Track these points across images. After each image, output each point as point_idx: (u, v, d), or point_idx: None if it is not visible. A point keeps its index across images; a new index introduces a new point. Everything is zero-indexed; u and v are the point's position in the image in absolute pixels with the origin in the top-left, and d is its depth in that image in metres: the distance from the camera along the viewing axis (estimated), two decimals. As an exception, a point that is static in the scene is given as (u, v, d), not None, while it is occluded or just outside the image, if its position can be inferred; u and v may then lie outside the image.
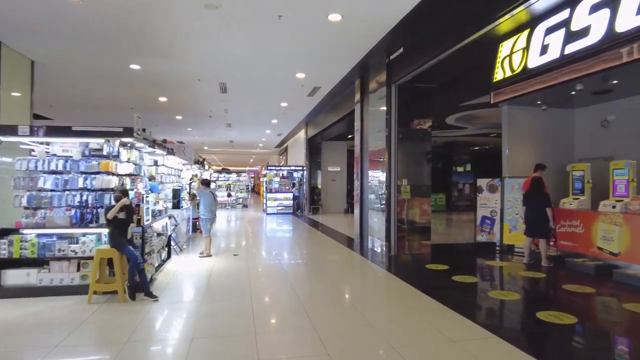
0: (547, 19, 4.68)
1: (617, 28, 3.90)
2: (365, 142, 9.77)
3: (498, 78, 5.63)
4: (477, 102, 10.09)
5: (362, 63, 8.69)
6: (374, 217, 8.89)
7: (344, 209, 18.56)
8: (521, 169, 8.76)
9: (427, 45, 6.81)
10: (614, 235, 6.37)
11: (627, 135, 8.11)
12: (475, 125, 14.69)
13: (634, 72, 6.49)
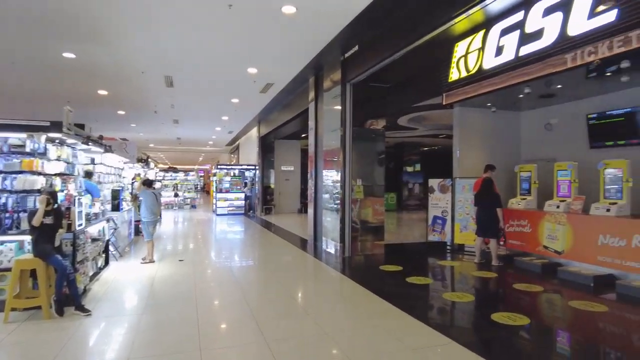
0: (502, 20, 4.69)
1: (569, 32, 3.94)
2: (319, 141, 9.57)
3: (453, 78, 5.61)
4: (430, 103, 10.21)
5: (317, 60, 8.47)
6: (328, 217, 8.71)
7: (297, 209, 18.30)
8: (471, 170, 8.93)
9: (382, 43, 6.70)
10: (558, 234, 6.60)
11: (568, 138, 8.49)
12: (426, 127, 14.98)
13: (574, 78, 6.76)
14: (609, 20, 3.63)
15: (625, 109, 7.36)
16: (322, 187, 9.19)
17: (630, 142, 7.36)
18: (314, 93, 9.80)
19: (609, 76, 6.64)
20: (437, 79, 7.84)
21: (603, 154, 7.61)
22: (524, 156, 9.59)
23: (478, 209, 7.24)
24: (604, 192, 6.36)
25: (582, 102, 8.16)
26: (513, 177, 8.36)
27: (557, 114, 8.77)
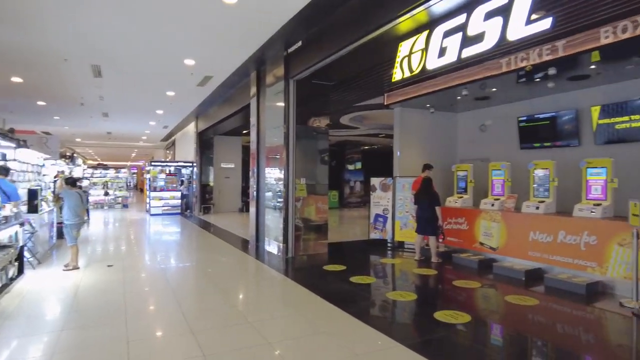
0: (445, 22, 4.74)
1: (509, 36, 4.04)
2: (261, 138, 9.28)
3: (397, 78, 5.61)
4: (371, 103, 10.31)
5: (259, 54, 8.18)
6: (270, 216, 8.47)
7: (238, 208, 17.79)
8: (411, 169, 9.12)
9: (325, 40, 6.57)
10: (493, 231, 6.90)
11: (500, 139, 8.95)
12: (367, 126, 15.20)
13: (507, 82, 7.11)
14: (545, 28, 3.76)
15: (551, 113, 7.88)
16: (264, 185, 8.93)
17: (554, 144, 7.90)
18: (255, 88, 9.48)
19: (537, 82, 7.04)
20: (381, 79, 7.94)
21: (532, 154, 8.09)
22: (460, 156, 9.98)
23: (418, 207, 7.37)
24: (534, 191, 6.74)
25: (514, 105, 8.63)
26: (450, 176, 8.65)
27: (491, 116, 9.21)
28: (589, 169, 5.97)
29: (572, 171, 6.55)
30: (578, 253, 5.55)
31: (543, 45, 5.46)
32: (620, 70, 6.33)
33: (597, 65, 6.20)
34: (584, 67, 6.28)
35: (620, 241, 5.11)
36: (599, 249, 5.33)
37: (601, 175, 5.82)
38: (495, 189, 7.49)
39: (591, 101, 7.15)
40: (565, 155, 7.35)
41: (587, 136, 7.33)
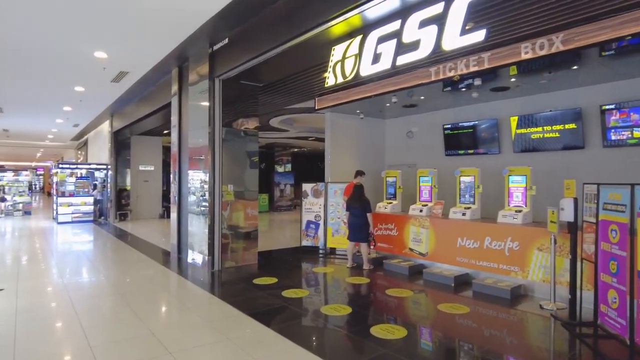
0: (380, 28, 4.61)
1: (444, 46, 4.00)
2: (184, 139, 8.61)
3: (330, 84, 5.41)
4: (302, 106, 10.07)
5: (181, 50, 7.55)
6: (194, 223, 7.85)
7: (159, 214, 16.59)
8: (342, 174, 9.05)
9: (254, 40, 6.19)
10: (422, 237, 6.99)
11: (427, 146, 9.19)
12: (297, 129, 14.98)
13: (433, 91, 7.26)
14: (479, 39, 3.76)
15: (474, 121, 8.22)
16: (187, 190, 8.28)
17: (477, 152, 8.26)
18: (177, 86, 8.79)
19: (462, 91, 7.29)
20: (312, 82, 7.72)
21: (456, 160, 8.40)
22: (388, 161, 10.12)
23: (349, 214, 7.26)
24: (460, 197, 6.94)
25: (439, 113, 8.91)
26: (380, 181, 8.70)
27: (418, 123, 9.44)
28: (510, 177, 6.24)
29: (495, 178, 6.85)
30: (503, 258, 5.76)
31: (470, 56, 5.60)
32: (535, 84, 6.74)
33: (516, 78, 6.53)
34: (504, 80, 6.59)
35: (540, 246, 5.37)
36: (521, 254, 5.57)
37: (521, 183, 6.12)
38: (423, 195, 7.62)
39: (510, 111, 7.56)
40: (487, 162, 7.69)
41: (506, 144, 7.75)
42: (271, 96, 8.95)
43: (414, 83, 6.35)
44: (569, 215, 4.62)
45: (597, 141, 6.49)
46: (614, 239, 3.83)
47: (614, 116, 6.22)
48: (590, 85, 6.55)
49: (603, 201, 4.02)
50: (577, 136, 6.69)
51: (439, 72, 6.03)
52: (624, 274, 3.69)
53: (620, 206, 3.75)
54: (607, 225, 3.95)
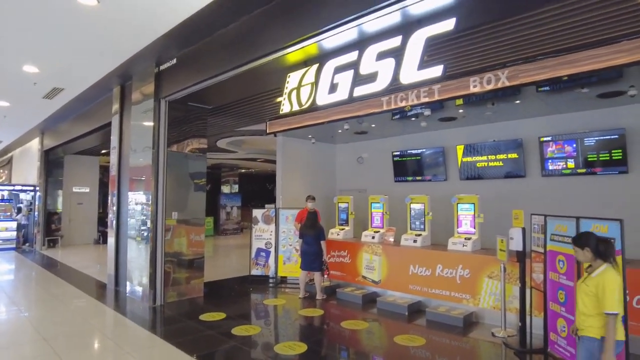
0: (336, 57, 4.58)
1: (402, 79, 4.02)
2: (125, 159, 8.04)
3: (285, 111, 5.27)
4: (252, 129, 9.86)
5: (125, 68, 7.12)
6: (134, 249, 7.27)
7: (94, 239, 15.36)
8: (294, 199, 8.89)
9: (204, 62, 5.95)
10: (375, 264, 6.94)
11: (377, 172, 9.31)
12: (246, 150, 14.68)
13: (383, 118, 7.40)
14: (436, 75, 3.81)
15: (422, 149, 8.45)
16: (127, 213, 7.69)
17: (425, 179, 8.46)
18: (119, 105, 8.25)
19: (411, 120, 7.48)
20: (264, 106, 7.57)
21: (405, 187, 8.55)
22: (339, 186, 10.12)
23: (303, 241, 7.04)
24: (411, 224, 7.01)
25: (389, 140, 9.08)
26: (331, 207, 8.63)
27: (368, 149, 9.55)
28: (459, 205, 6.41)
29: (443, 204, 7.00)
30: (454, 286, 5.83)
31: (421, 88, 5.75)
32: (480, 115, 7.06)
33: (463, 109, 6.80)
34: (452, 110, 6.84)
35: (490, 274, 5.50)
36: (472, 281, 5.67)
37: (470, 210, 6.29)
38: (375, 221, 7.63)
39: (456, 140, 7.86)
40: (435, 189, 7.89)
41: (453, 172, 8.01)
42: (220, 118, 8.68)
43: (366, 112, 6.42)
44: (518, 244, 4.77)
45: (536, 170, 6.88)
46: (562, 269, 3.98)
47: (551, 147, 6.64)
48: (530, 117, 6.98)
49: (550, 232, 4.18)
50: (518, 165, 7.06)
51: (391, 102, 6.13)
52: (571, 303, 3.82)
53: (567, 237, 3.90)
54: (554, 255, 4.10)
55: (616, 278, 2.88)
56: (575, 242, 3.15)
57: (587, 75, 5.32)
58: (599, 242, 3.02)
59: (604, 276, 2.90)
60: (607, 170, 6.20)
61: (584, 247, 3.05)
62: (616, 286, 2.85)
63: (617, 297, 2.83)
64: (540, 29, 4.31)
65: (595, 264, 3.02)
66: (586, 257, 3.05)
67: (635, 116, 6.04)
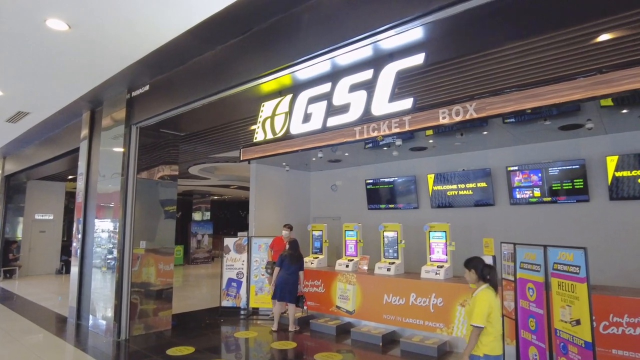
0: (310, 88, 4.65)
1: (373, 111, 4.11)
2: (92, 186, 7.79)
3: (259, 139, 5.26)
4: (226, 155, 9.80)
5: (95, 93, 7.00)
6: (100, 280, 6.94)
7: (56, 269, 14.61)
8: (267, 227, 8.78)
9: (178, 90, 5.92)
10: (349, 294, 6.87)
11: (350, 199, 9.35)
12: (219, 177, 14.51)
13: (356, 147, 7.50)
14: (407, 107, 3.92)
15: (394, 177, 8.58)
16: (92, 241, 7.38)
17: (397, 207, 8.56)
18: (88, 130, 8.04)
19: (383, 149, 7.62)
20: (237, 134, 7.55)
21: (378, 214, 8.62)
22: (313, 213, 10.09)
23: (282, 270, 6.78)
24: (384, 252, 7.02)
25: (362, 168, 9.19)
26: (305, 234, 8.56)
27: (342, 177, 9.62)
28: (431, 232, 6.48)
29: (415, 232, 7.08)
30: (428, 315, 5.82)
31: (392, 119, 5.89)
32: (449, 145, 7.26)
33: (433, 139, 6.99)
34: (422, 140, 7.01)
35: (462, 302, 5.53)
36: (445, 310, 5.67)
37: (441, 238, 6.37)
38: (349, 250, 7.61)
39: (427, 169, 8.03)
40: (407, 217, 7.98)
41: (424, 200, 8.14)
42: (193, 145, 8.59)
43: (340, 141, 6.51)
44: (489, 272, 4.82)
45: (505, 199, 7.08)
46: (532, 297, 4.04)
47: (518, 177, 6.88)
48: (497, 147, 7.23)
49: (520, 260, 4.27)
50: (487, 194, 7.25)
51: (363, 132, 6.25)
52: (542, 331, 3.87)
53: (535, 265, 3.99)
54: (524, 283, 4.17)
55: (489, 296, 3.20)
56: (465, 264, 3.44)
57: (549, 108, 5.65)
58: (484, 266, 3.35)
59: (479, 294, 3.25)
60: (570, 199, 6.45)
61: (471, 269, 3.37)
62: (486, 303, 3.17)
63: (485, 312, 3.14)
64: (505, 64, 4.53)
65: (478, 285, 3.34)
66: (472, 278, 3.37)
67: (593, 147, 6.36)
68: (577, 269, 3.42)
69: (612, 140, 6.26)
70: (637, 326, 4.26)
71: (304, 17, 4.35)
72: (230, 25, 4.72)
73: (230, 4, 4.17)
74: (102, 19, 4.47)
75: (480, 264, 3.36)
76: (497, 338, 3.20)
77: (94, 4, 4.17)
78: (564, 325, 3.56)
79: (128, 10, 4.30)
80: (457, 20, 3.44)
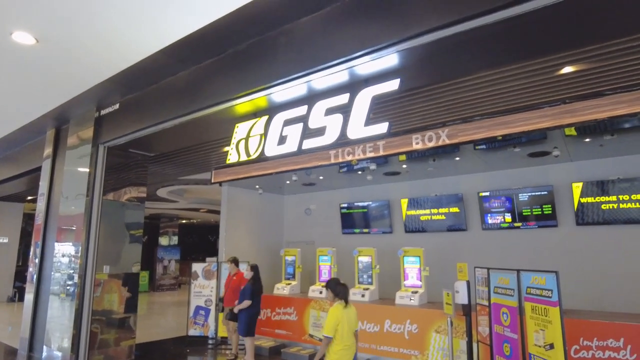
0: (286, 111, 4.62)
1: (349, 135, 4.11)
2: (53, 207, 7.39)
3: (232, 160, 5.15)
4: (197, 177, 9.57)
5: (63, 110, 6.73)
6: (57, 308, 6.50)
7: (8, 297, 13.67)
8: (238, 252, 8.52)
9: (149, 109, 5.76)
10: (322, 321, 6.69)
11: (325, 223, 9.26)
12: (188, 200, 14.16)
13: (330, 171, 7.51)
14: (382, 131, 3.94)
15: (368, 202, 8.58)
16: (51, 267, 6.95)
17: (371, 231, 8.53)
18: (52, 149, 7.69)
19: (357, 173, 7.63)
20: (209, 155, 7.40)
21: (352, 239, 8.55)
22: (286, 238, 9.92)
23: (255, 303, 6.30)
24: (358, 277, 6.92)
25: (336, 192, 9.16)
26: (278, 260, 8.37)
27: (316, 200, 9.55)
28: (405, 257, 6.45)
29: (389, 256, 7.03)
30: (403, 342, 5.72)
31: (367, 143, 5.93)
32: (422, 170, 7.36)
33: (406, 165, 7.06)
34: (396, 165, 7.07)
35: (437, 328, 5.47)
36: (420, 336, 5.59)
37: (415, 263, 6.35)
38: (323, 275, 7.47)
39: (401, 194, 8.08)
40: (381, 241, 7.95)
41: (398, 224, 8.15)
42: (163, 166, 8.35)
43: (315, 164, 6.47)
44: (464, 297, 4.81)
45: (477, 224, 7.18)
46: (506, 322, 4.03)
47: (489, 202, 7.00)
48: (469, 173, 7.37)
49: (494, 285, 4.27)
50: (460, 219, 7.33)
51: (338, 156, 6.21)
52: (517, 356, 3.84)
53: (509, 290, 4.00)
54: (498, 308, 4.16)
55: (338, 310, 3.74)
56: (325, 284, 4.05)
57: (518, 135, 5.82)
58: (337, 285, 3.92)
59: (331, 309, 3.80)
60: (539, 224, 6.60)
61: (327, 288, 3.94)
62: (334, 317, 3.69)
63: (333, 324, 3.64)
64: (476, 92, 4.65)
65: (333, 301, 3.87)
66: (329, 296, 3.91)
67: (560, 174, 6.58)
68: (550, 293, 3.44)
69: (577, 168, 6.49)
70: (606, 349, 4.31)
71: (280, 40, 4.36)
72: (206, 46, 4.68)
73: (207, 24, 4.14)
74: (73, 34, 4.33)
75: (333, 283, 3.95)
76: (344, 348, 3.64)
77: (64, 18, 4.04)
78: (538, 350, 3.55)
79: (100, 26, 4.19)
80: (431, 48, 3.52)
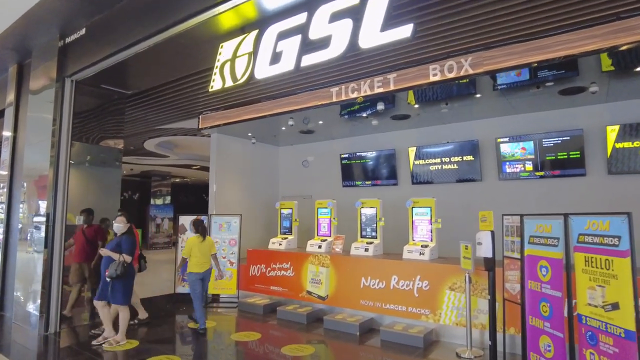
0: (280, 21, 3.75)
1: (361, 43, 3.26)
2: (19, 157, 6.60)
3: (216, 88, 4.32)
4: (184, 126, 8.70)
5: (22, 39, 5.79)
6: (27, 264, 5.86)
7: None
8: (230, 205, 7.83)
9: (120, 29, 4.86)
10: (322, 277, 6.07)
11: (323, 176, 8.52)
12: (179, 155, 13.32)
13: (331, 117, 6.69)
14: (405, 36, 3.08)
15: (372, 152, 7.81)
16: (18, 221, 6.28)
17: (375, 183, 7.81)
18: (15, 89, 6.80)
19: (360, 119, 6.79)
20: (194, 94, 6.50)
21: (354, 192, 7.84)
22: (282, 192, 9.21)
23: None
24: (361, 231, 6.26)
25: (336, 142, 8.36)
26: (273, 213, 7.69)
27: (314, 151, 8.76)
28: (414, 209, 5.75)
29: (394, 210, 6.33)
30: (412, 300, 5.10)
31: (375, 77, 5.08)
32: (435, 114, 6.51)
33: (418, 105, 6.21)
34: (405, 108, 6.23)
35: (452, 285, 4.84)
36: (432, 294, 4.97)
37: (426, 215, 5.65)
38: (322, 229, 6.80)
39: (408, 142, 7.30)
40: (385, 194, 7.21)
41: (404, 176, 7.42)
42: (144, 111, 7.47)
43: (314, 104, 5.66)
44: (487, 250, 4.13)
45: (493, 174, 6.45)
46: (545, 277, 3.36)
47: (509, 149, 6.24)
48: (486, 117, 6.55)
49: (529, 234, 3.57)
50: (474, 168, 6.60)
51: (341, 93, 5.44)
52: (559, 317, 3.20)
53: (552, 239, 3.30)
54: (535, 261, 3.48)
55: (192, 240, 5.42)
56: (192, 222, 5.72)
57: (549, 66, 5.03)
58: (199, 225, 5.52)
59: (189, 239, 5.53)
60: (565, 172, 5.87)
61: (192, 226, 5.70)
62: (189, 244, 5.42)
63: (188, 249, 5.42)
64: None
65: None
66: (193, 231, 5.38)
67: (592, 117, 5.79)
68: (617, 240, 2.73)
69: (611, 109, 5.69)
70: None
71: None
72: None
73: None
74: None
75: (197, 223, 5.54)
76: (195, 264, 5.34)
77: None
78: (592, 311, 2.89)
79: None
80: None
